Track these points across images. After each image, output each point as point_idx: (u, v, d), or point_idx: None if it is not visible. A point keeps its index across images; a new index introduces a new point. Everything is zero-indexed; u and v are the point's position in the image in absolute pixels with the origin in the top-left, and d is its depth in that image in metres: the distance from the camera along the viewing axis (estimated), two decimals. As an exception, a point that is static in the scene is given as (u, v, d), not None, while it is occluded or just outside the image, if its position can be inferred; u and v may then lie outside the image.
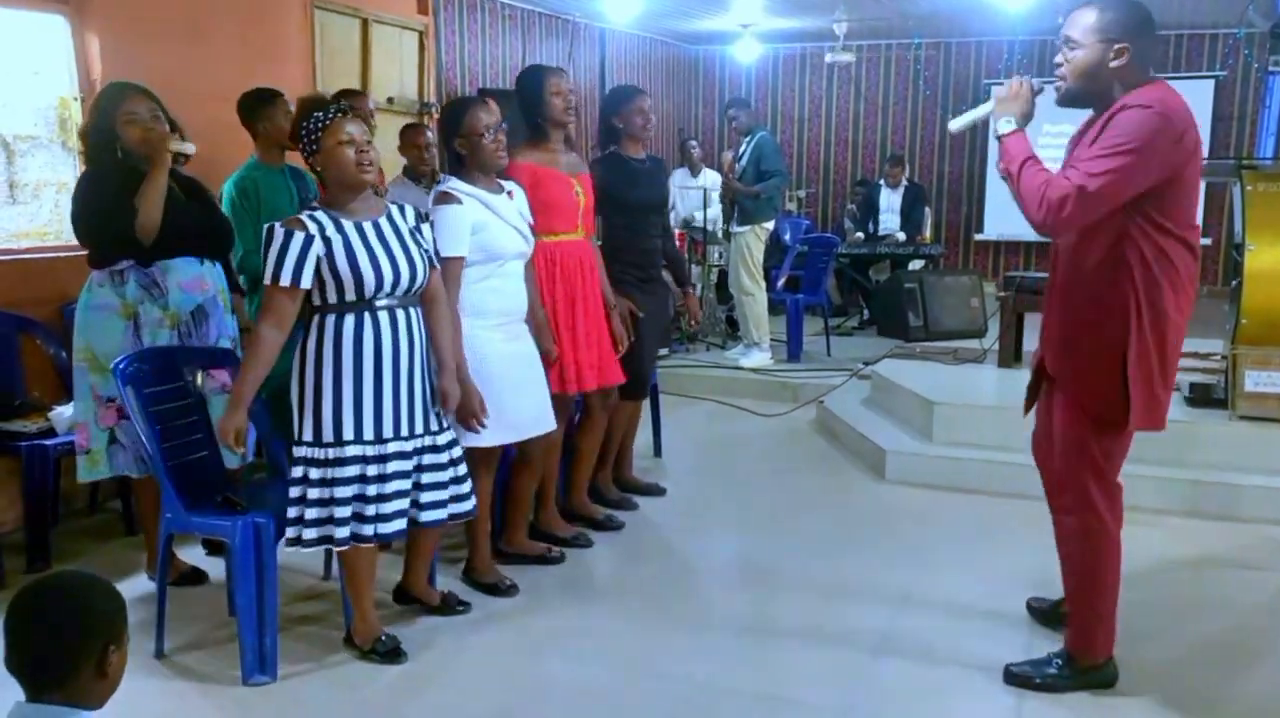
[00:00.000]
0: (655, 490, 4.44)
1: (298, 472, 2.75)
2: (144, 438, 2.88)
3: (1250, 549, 3.81)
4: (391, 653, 2.92)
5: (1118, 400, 2.50)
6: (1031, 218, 2.44)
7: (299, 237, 2.64)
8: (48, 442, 3.61)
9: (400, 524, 2.82)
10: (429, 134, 4.74)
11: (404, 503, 2.82)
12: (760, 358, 6.62)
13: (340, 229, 2.70)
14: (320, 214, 2.71)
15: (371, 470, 2.75)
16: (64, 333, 3.98)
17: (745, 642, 3.09)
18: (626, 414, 4.28)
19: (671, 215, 7.86)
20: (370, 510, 2.75)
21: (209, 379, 3.29)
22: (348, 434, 2.72)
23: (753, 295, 6.54)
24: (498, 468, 3.48)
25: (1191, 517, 4.11)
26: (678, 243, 7.26)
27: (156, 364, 3.04)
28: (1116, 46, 2.44)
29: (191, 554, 3.64)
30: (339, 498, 2.73)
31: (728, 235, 7.00)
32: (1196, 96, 9.36)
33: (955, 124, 2.83)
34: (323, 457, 2.73)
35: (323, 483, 2.73)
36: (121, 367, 2.91)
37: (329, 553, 3.41)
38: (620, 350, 3.84)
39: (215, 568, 3.49)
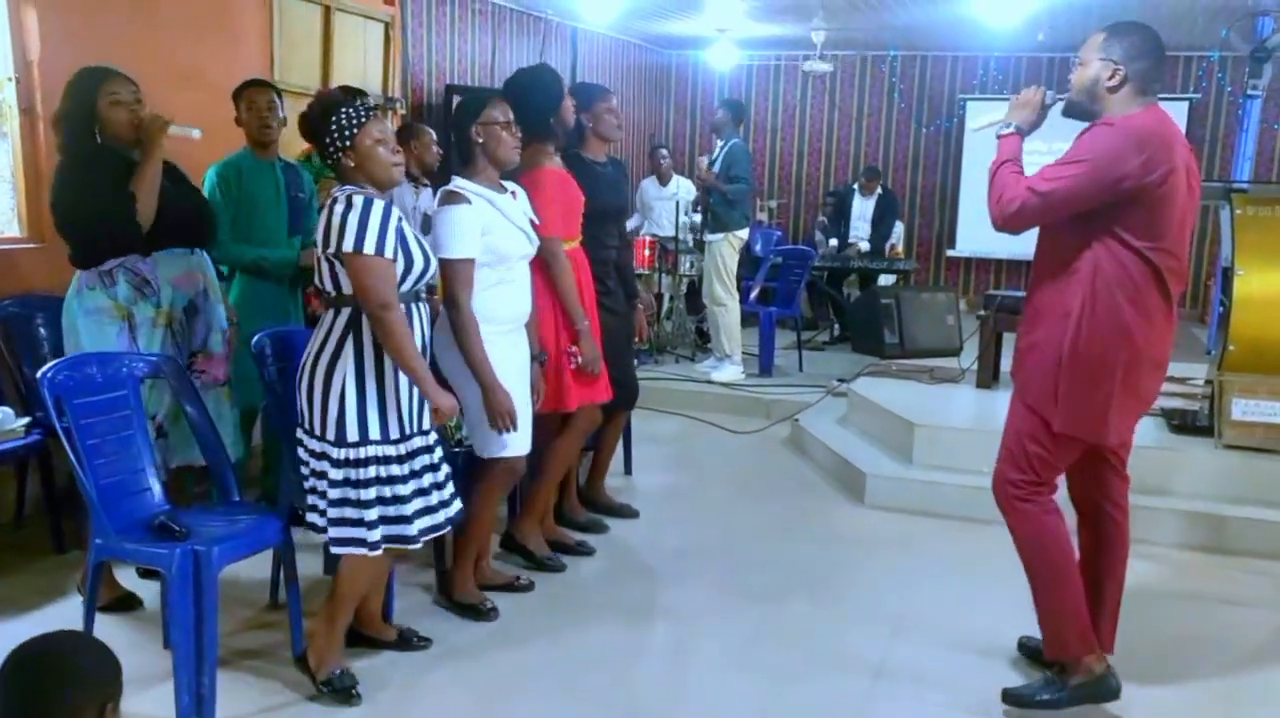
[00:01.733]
0: (628, 512, 4.23)
1: (334, 473, 2.59)
2: (71, 455, 2.61)
3: (1240, 585, 3.71)
4: (344, 692, 2.69)
5: (1050, 399, 2.60)
6: (990, 213, 2.64)
7: (388, 207, 2.56)
8: (-28, 449, 3.33)
9: (406, 529, 2.66)
10: (429, 133, 4.67)
11: (435, 499, 2.72)
12: (732, 372, 6.45)
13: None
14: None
15: (398, 470, 2.62)
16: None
17: (726, 683, 2.90)
18: (616, 426, 4.13)
19: (637, 223, 7.72)
20: (406, 510, 2.63)
21: (199, 375, 3.17)
22: (373, 434, 2.59)
23: (725, 306, 6.37)
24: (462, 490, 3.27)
25: (1178, 548, 4.00)
26: (649, 251, 7.14)
27: (89, 372, 2.76)
28: (1114, 69, 2.57)
29: (127, 577, 3.36)
30: (364, 500, 2.58)
31: (700, 245, 6.82)
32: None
33: (976, 124, 2.93)
34: (348, 457, 2.58)
35: (347, 484, 2.59)
36: (49, 375, 2.63)
37: (276, 577, 3.19)
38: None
39: (151, 591, 3.23)
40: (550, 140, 3.49)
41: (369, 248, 2.48)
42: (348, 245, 2.48)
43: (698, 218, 7.27)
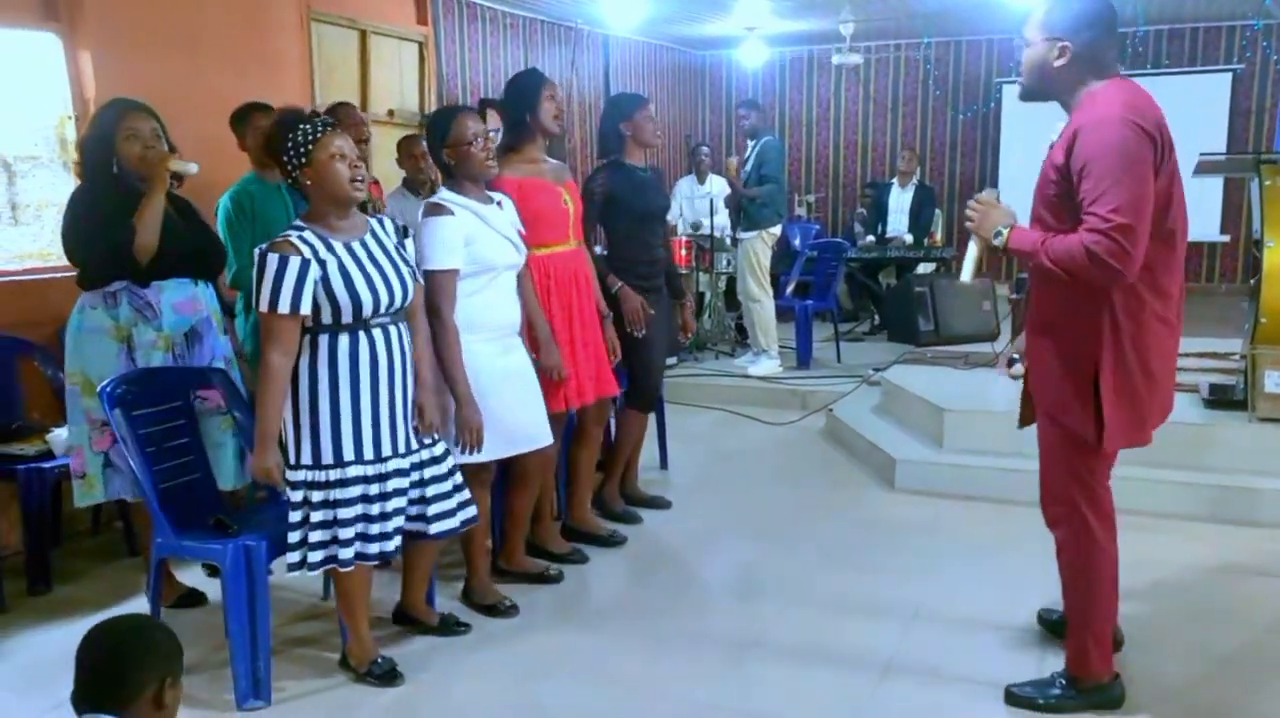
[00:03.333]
0: (660, 503, 4.37)
1: (297, 496, 2.69)
2: (132, 461, 2.84)
3: (1272, 556, 3.71)
4: (387, 676, 2.87)
5: (1091, 421, 2.43)
6: (1097, 281, 2.30)
7: (295, 262, 2.56)
8: (45, 464, 3.59)
9: (398, 541, 2.78)
10: (421, 144, 4.70)
11: (401, 520, 2.79)
12: (769, 365, 6.55)
13: (331, 250, 2.63)
14: (308, 234, 2.63)
15: (373, 490, 2.71)
16: (62, 356, 3.96)
17: (749, 662, 3.02)
18: (638, 426, 4.22)
19: (679, 223, 7.85)
20: (374, 529, 2.72)
21: (201, 401, 3.26)
22: (348, 455, 2.67)
23: (760, 302, 6.47)
24: (495, 486, 3.42)
25: (1211, 522, 4.00)
26: (686, 250, 7.27)
27: (144, 385, 3.00)
28: (1060, 45, 2.38)
29: (192, 576, 3.60)
30: (342, 519, 2.68)
31: (735, 243, 6.93)
32: (1214, 90, 9.27)
33: (965, 274, 2.67)
34: (324, 479, 2.68)
35: (325, 505, 2.68)
36: (108, 389, 2.87)
37: (327, 573, 3.38)
38: (615, 359, 3.78)
39: (215, 588, 3.45)
40: (526, 140, 3.50)
41: (263, 305, 2.55)
42: (263, 305, 2.56)
43: (722, 219, 7.37)
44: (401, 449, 2.77)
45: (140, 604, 3.43)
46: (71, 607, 3.47)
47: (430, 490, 2.86)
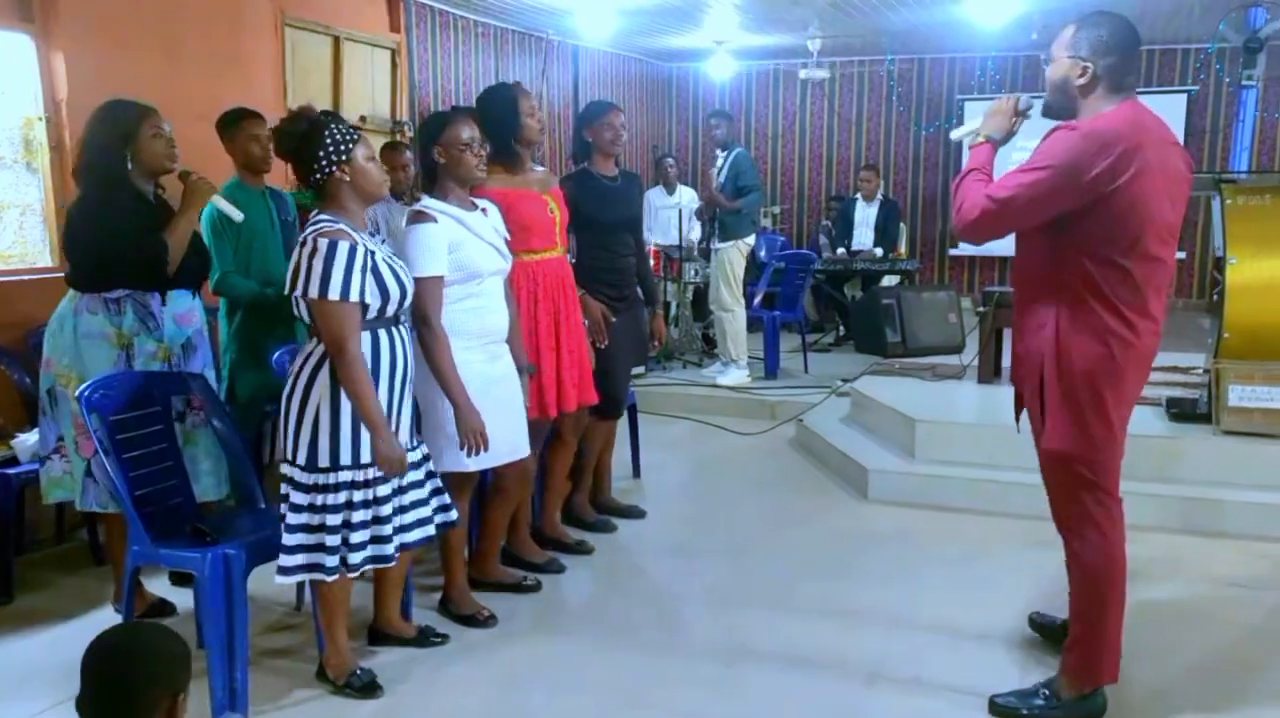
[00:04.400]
0: (635, 513, 4.36)
1: (298, 498, 2.65)
2: (108, 467, 2.77)
3: (1239, 566, 3.78)
4: (367, 687, 2.83)
5: (1036, 415, 2.56)
6: (954, 224, 2.59)
7: (352, 249, 2.58)
8: (10, 470, 3.50)
9: (392, 548, 2.76)
10: (408, 154, 4.70)
11: (396, 524, 2.77)
12: (738, 375, 6.58)
13: (363, 243, 2.67)
14: (345, 224, 2.64)
15: (360, 496, 2.68)
16: (28, 360, 3.87)
17: (730, 670, 3.02)
18: (602, 434, 4.20)
19: (649, 233, 7.86)
20: (387, 529, 2.71)
21: (195, 412, 3.21)
22: (344, 459, 2.64)
23: (732, 312, 6.50)
24: (473, 496, 3.39)
25: (1180, 533, 4.08)
26: (653, 260, 7.29)
27: (124, 391, 2.93)
28: (1082, 65, 2.47)
29: (159, 585, 3.52)
30: (329, 526, 2.66)
31: (706, 253, 6.96)
32: (1170, 110, 9.47)
33: (956, 133, 2.90)
34: (364, 478, 2.67)
35: (312, 509, 2.65)
36: (86, 393, 2.80)
37: (302, 583, 3.33)
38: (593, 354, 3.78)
39: (183, 598, 3.38)
40: (510, 163, 3.48)
41: (333, 293, 2.54)
42: (312, 292, 2.55)
43: (695, 234, 7.41)
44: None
45: (105, 614, 3.36)
46: (35, 617, 3.37)
47: (407, 498, 2.83)
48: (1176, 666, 2.98)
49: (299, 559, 2.67)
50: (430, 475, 2.91)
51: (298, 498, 2.65)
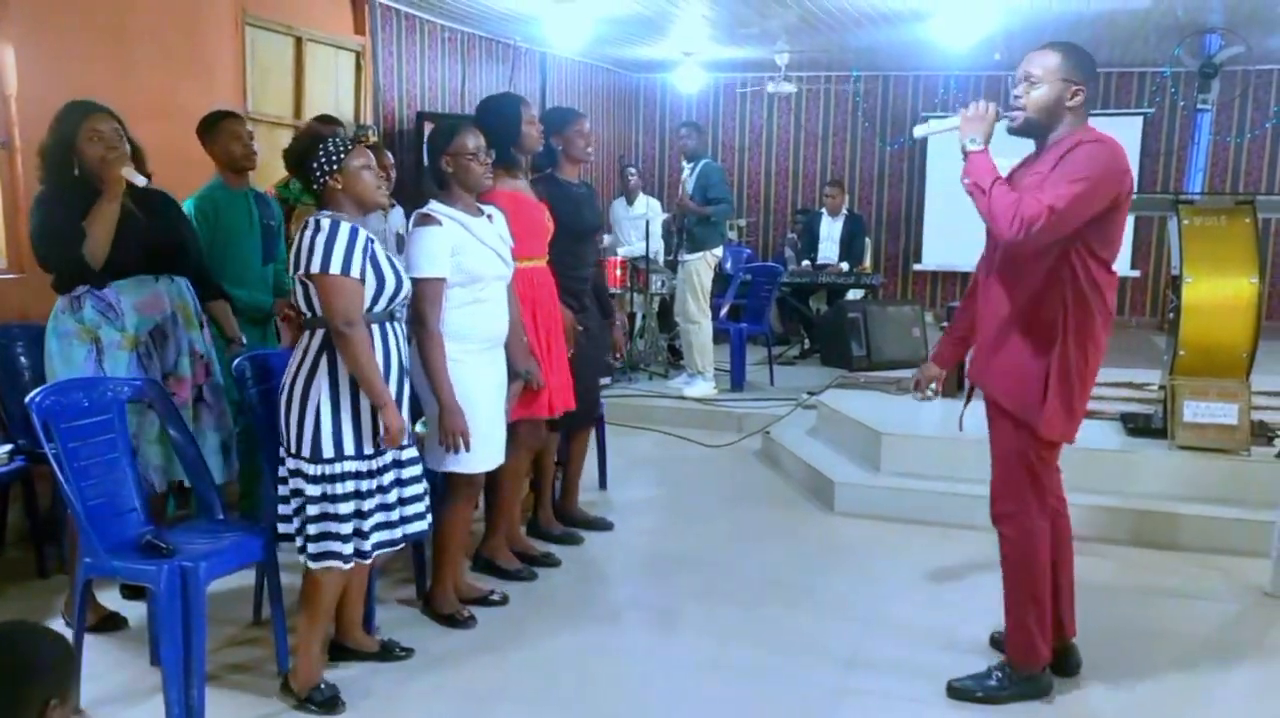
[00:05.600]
0: (602, 525, 4.32)
1: (311, 489, 2.68)
2: (60, 476, 2.68)
3: (1194, 579, 3.84)
4: (328, 703, 2.76)
5: (1037, 408, 2.69)
6: (1003, 232, 2.58)
7: (354, 229, 2.65)
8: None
9: (399, 533, 2.83)
10: (389, 156, 4.67)
11: (400, 514, 2.84)
12: (704, 387, 6.57)
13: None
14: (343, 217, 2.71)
15: (366, 485, 2.72)
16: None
17: (705, 683, 3.00)
18: (579, 443, 4.19)
19: (611, 242, 7.85)
20: (394, 516, 2.78)
21: (175, 396, 3.20)
22: (348, 449, 2.68)
23: (698, 324, 6.49)
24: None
25: (1135, 546, 4.13)
26: (620, 271, 7.27)
27: (76, 396, 2.84)
28: (1074, 88, 2.66)
29: (110, 597, 3.42)
30: (341, 514, 2.68)
31: (673, 265, 6.95)
32: (1126, 132, 9.67)
33: (920, 130, 2.95)
34: (369, 468, 2.72)
35: (325, 499, 2.68)
36: (35, 400, 2.71)
37: (259, 594, 3.26)
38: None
39: (135, 611, 3.28)
40: (511, 166, 3.57)
41: (335, 268, 2.60)
42: (315, 266, 2.60)
43: (659, 247, 7.39)
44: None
45: (55, 627, 3.24)
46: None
47: (408, 491, 2.88)
48: (1130, 678, 3.01)
49: (321, 547, 2.70)
50: (415, 479, 2.90)
51: (309, 489, 2.68)
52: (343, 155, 2.71)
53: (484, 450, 3.15)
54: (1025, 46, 2.78)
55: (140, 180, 3.14)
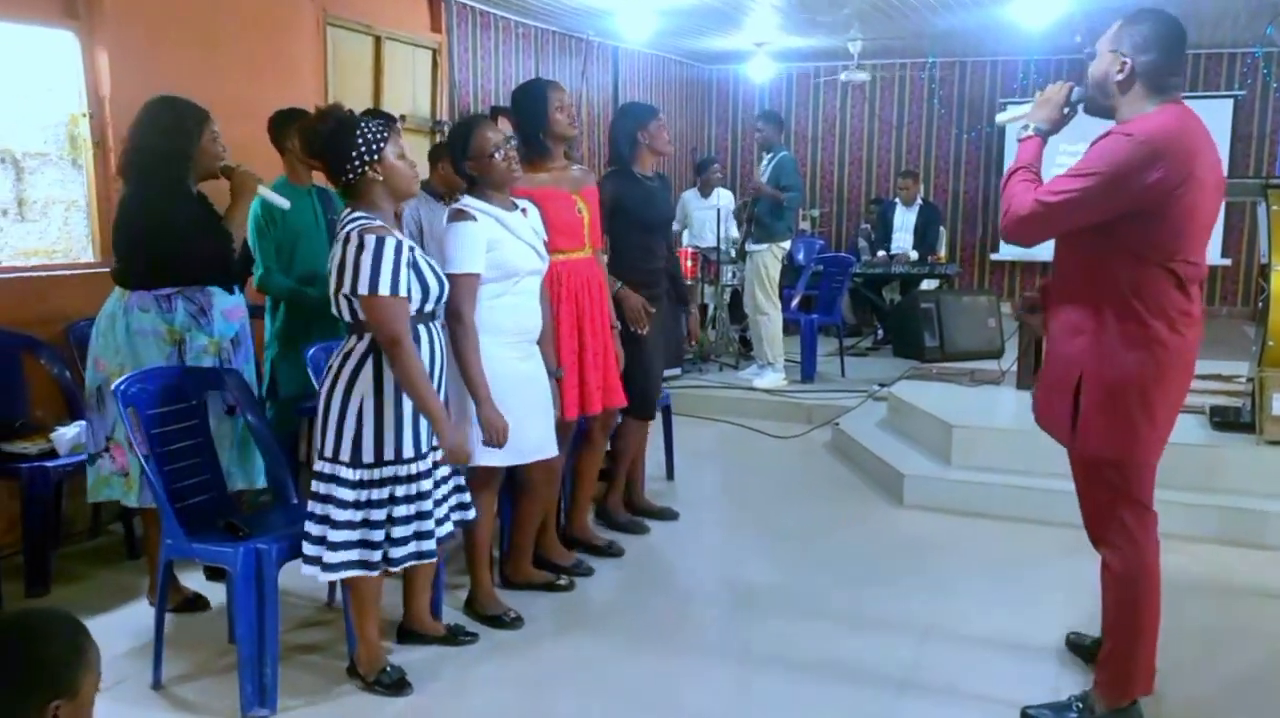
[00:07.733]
0: (668, 514, 4.34)
1: (344, 494, 2.64)
2: (143, 461, 2.81)
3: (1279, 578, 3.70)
4: (397, 685, 2.83)
5: (1066, 425, 2.50)
6: (1001, 224, 2.52)
7: (398, 245, 2.61)
8: (49, 463, 3.54)
9: (431, 543, 2.79)
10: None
11: (438, 516, 2.81)
12: (774, 378, 6.54)
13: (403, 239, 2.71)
14: (381, 222, 2.67)
15: (403, 491, 2.70)
16: (69, 353, 3.94)
17: (763, 676, 2.99)
18: (636, 435, 4.18)
19: (685, 235, 7.85)
20: (399, 532, 2.71)
21: (220, 402, 3.24)
22: (388, 454, 2.66)
23: (768, 315, 6.46)
24: (500, 497, 3.40)
25: (1219, 543, 3.99)
26: (691, 262, 7.27)
27: (159, 385, 2.97)
28: (1122, 59, 2.40)
29: (194, 579, 3.56)
30: (374, 521, 2.67)
31: (742, 255, 6.92)
32: (1215, 116, 9.28)
33: (1002, 118, 2.92)
34: (408, 473, 2.69)
35: (357, 506, 2.66)
36: (122, 388, 2.84)
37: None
38: (620, 366, 3.74)
39: (217, 593, 3.41)
40: (543, 156, 3.50)
41: (384, 289, 2.55)
42: (364, 288, 2.55)
43: (735, 233, 7.37)
44: (425, 449, 2.79)
45: (139, 607, 3.41)
46: (71, 610, 3.40)
47: (440, 492, 2.85)
48: (1214, 680, 2.92)
49: (343, 556, 2.66)
50: (454, 473, 2.93)
51: (343, 494, 2.64)
52: (382, 144, 2.64)
53: (509, 445, 3.06)
54: (1107, 27, 2.51)
55: (284, 204, 3.39)
